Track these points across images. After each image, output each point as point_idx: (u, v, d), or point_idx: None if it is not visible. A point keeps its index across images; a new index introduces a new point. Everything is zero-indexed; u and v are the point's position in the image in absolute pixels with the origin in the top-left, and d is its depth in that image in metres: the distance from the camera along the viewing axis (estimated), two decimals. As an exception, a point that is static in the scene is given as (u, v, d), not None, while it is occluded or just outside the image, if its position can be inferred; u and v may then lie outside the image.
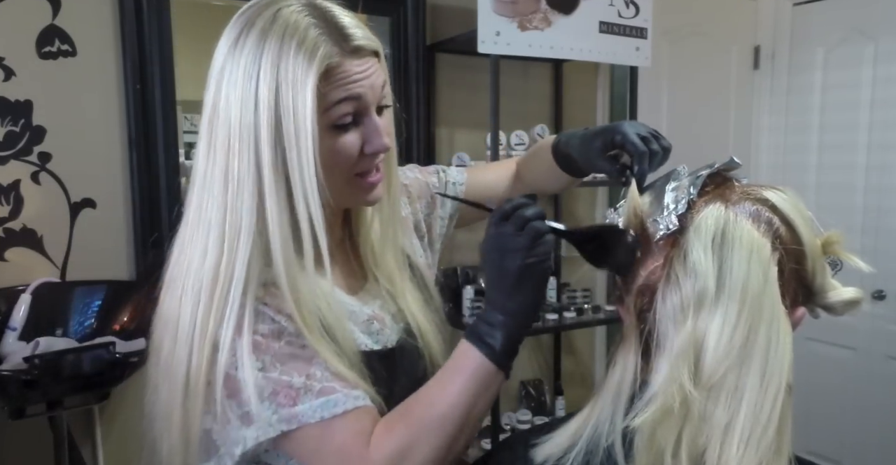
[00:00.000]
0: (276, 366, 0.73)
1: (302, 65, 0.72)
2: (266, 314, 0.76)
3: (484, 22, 1.93)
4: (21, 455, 1.71)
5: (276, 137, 0.73)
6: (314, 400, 0.73)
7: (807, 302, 0.68)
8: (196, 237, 0.76)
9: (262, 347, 0.74)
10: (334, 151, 0.77)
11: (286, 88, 0.72)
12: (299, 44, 0.72)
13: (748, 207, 0.65)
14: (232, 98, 0.74)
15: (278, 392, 0.72)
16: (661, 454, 0.61)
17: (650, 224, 0.66)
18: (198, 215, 0.77)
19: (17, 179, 1.71)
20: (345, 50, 0.75)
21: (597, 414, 0.69)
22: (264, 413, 0.72)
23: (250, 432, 0.72)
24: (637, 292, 0.67)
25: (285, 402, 0.72)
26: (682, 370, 0.61)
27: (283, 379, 0.73)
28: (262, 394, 0.72)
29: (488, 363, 0.74)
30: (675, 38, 2.66)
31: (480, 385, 0.74)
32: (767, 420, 0.60)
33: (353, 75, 0.75)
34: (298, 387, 0.73)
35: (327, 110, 0.75)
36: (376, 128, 0.79)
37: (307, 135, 0.72)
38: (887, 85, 2.53)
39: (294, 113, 0.72)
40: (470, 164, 2.27)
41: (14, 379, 1.41)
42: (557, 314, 2.34)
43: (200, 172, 0.77)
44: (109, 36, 1.80)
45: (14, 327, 1.57)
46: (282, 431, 0.72)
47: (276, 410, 0.72)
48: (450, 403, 0.73)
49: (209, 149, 0.76)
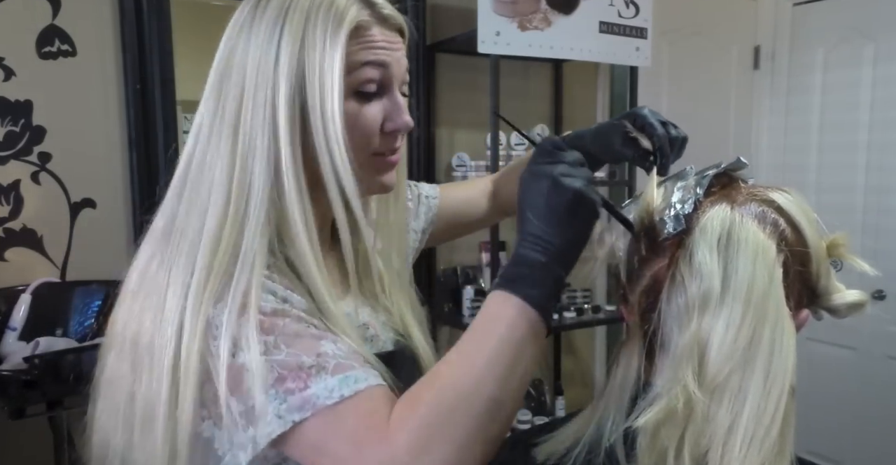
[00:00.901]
0: (280, 348, 0.62)
1: (333, 21, 0.68)
2: (270, 288, 0.66)
3: (484, 22, 1.93)
4: (21, 455, 1.71)
5: (297, 94, 0.68)
6: (329, 379, 0.61)
7: (810, 304, 0.68)
8: (195, 197, 0.68)
9: (266, 326, 0.63)
10: (356, 119, 0.71)
11: (312, 41, 0.68)
12: (330, 3, 0.69)
13: (754, 208, 0.65)
14: (250, 53, 0.69)
15: (285, 378, 0.60)
16: (663, 454, 0.61)
17: (657, 223, 0.66)
18: (199, 173, 0.69)
19: (17, 179, 1.71)
20: (374, 16, 0.72)
21: (599, 414, 0.69)
22: (271, 405, 0.60)
23: (260, 430, 0.60)
24: (642, 292, 0.67)
25: (295, 387, 0.60)
26: (686, 371, 0.61)
27: (290, 361, 0.61)
28: (265, 383, 0.60)
29: (530, 311, 0.61)
30: (675, 38, 2.66)
31: (523, 339, 0.61)
32: (770, 422, 0.60)
33: (381, 42, 0.72)
34: (310, 366, 0.61)
35: (353, 71, 0.70)
36: (399, 104, 0.74)
37: (333, 90, 0.68)
38: (887, 85, 2.53)
39: (321, 69, 0.67)
40: (470, 164, 2.27)
41: (14, 379, 1.41)
42: (557, 314, 2.33)
43: (205, 127, 0.70)
44: (109, 36, 1.80)
45: (14, 327, 1.56)
46: (293, 422, 0.59)
47: (285, 398, 0.60)
48: (488, 361, 0.60)
49: (217, 106, 0.69)
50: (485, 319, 0.63)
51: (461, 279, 2.33)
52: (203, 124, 0.70)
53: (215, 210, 0.67)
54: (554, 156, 0.66)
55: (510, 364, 0.60)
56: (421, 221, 1.03)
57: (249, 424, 0.61)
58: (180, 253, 0.66)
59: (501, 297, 0.63)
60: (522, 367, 0.61)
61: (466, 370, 0.60)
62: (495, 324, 0.62)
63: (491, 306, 0.63)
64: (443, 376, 0.61)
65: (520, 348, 0.61)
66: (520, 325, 0.61)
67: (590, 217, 0.64)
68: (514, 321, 0.61)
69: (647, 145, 0.83)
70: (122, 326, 0.69)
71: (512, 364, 0.60)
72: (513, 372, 0.60)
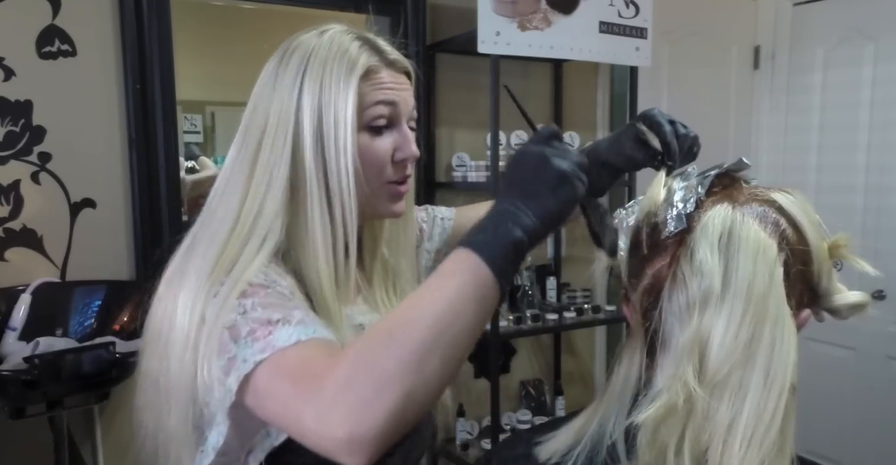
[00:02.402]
0: (256, 310, 0.70)
1: (346, 67, 0.80)
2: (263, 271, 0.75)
3: (484, 22, 1.93)
4: (21, 455, 1.71)
5: (317, 129, 0.79)
6: (290, 328, 0.68)
7: (812, 305, 0.68)
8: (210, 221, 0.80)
9: (248, 293, 0.71)
10: (369, 151, 0.82)
11: (329, 84, 0.79)
12: (343, 52, 0.81)
13: (755, 208, 0.65)
14: (274, 100, 0.80)
15: (255, 330, 0.68)
16: (663, 451, 0.61)
17: (659, 223, 0.67)
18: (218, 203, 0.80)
19: (17, 179, 1.71)
20: (383, 60, 0.83)
21: (601, 412, 0.69)
22: (241, 352, 0.67)
23: (231, 377, 0.67)
24: (643, 290, 0.67)
25: (261, 335, 0.67)
26: (687, 368, 0.61)
27: (262, 317, 0.69)
28: (239, 335, 0.68)
29: (484, 269, 0.61)
30: (675, 38, 2.67)
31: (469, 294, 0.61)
32: (771, 420, 0.60)
33: (390, 83, 0.83)
34: (277, 320, 0.68)
35: (365, 109, 0.81)
36: (407, 136, 0.85)
37: (346, 127, 0.79)
38: (887, 85, 2.53)
39: (335, 107, 0.79)
40: (470, 164, 2.27)
41: (14, 379, 1.41)
42: (557, 314, 2.34)
43: (229, 165, 0.82)
44: (109, 36, 1.80)
45: (14, 327, 1.56)
46: (255, 362, 0.65)
47: (252, 344, 0.67)
48: (425, 307, 0.61)
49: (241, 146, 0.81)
50: (438, 272, 0.64)
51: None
52: (228, 163, 0.83)
53: (223, 229, 0.78)
54: (549, 141, 0.69)
55: (445, 312, 0.60)
56: (435, 242, 1.09)
57: (226, 374, 0.68)
58: (191, 267, 0.77)
59: (462, 253, 0.63)
60: (463, 321, 0.61)
61: (402, 314, 0.62)
62: (445, 277, 0.63)
63: (447, 262, 0.64)
64: (382, 321, 0.65)
65: (460, 300, 0.61)
66: (469, 280, 0.61)
67: (569, 198, 0.66)
68: (464, 276, 0.62)
69: (657, 145, 0.84)
70: (150, 325, 0.79)
71: (447, 313, 0.60)
72: (449, 323, 0.60)
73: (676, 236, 0.65)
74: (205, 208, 0.83)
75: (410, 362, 0.58)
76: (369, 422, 0.57)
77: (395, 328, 0.60)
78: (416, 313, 0.61)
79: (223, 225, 0.78)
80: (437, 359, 0.59)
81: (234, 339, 0.68)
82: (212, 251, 0.76)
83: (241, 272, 0.73)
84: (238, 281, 0.72)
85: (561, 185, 0.65)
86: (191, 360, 0.71)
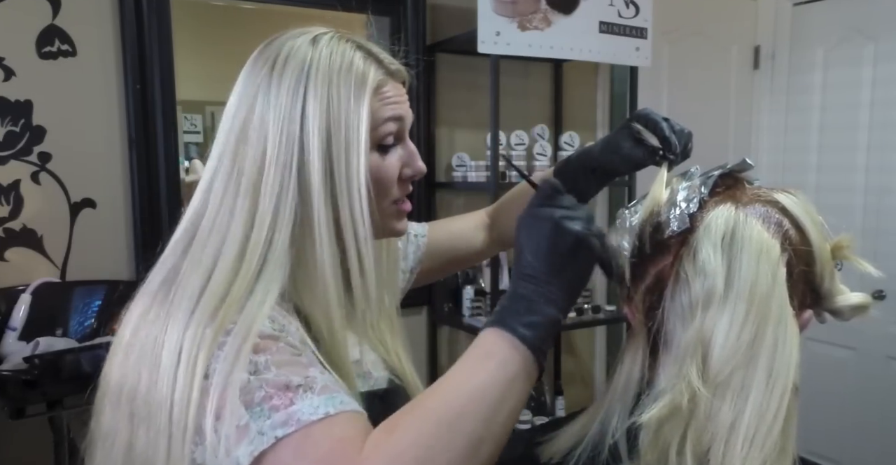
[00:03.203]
0: (270, 369, 0.61)
1: (356, 83, 0.72)
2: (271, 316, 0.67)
3: (484, 22, 1.93)
4: (21, 455, 1.71)
5: (325, 152, 0.70)
6: (315, 398, 0.60)
7: (814, 306, 0.68)
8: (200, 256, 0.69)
9: (259, 347, 0.62)
10: (378, 171, 0.75)
11: (338, 102, 0.71)
12: (349, 65, 0.73)
13: (758, 208, 0.65)
14: (271, 115, 0.70)
15: (272, 396, 0.59)
16: (665, 451, 0.61)
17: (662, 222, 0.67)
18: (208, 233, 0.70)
19: (17, 179, 1.71)
20: (386, 73, 0.76)
21: (603, 412, 0.69)
22: (255, 423, 0.58)
23: (243, 449, 0.58)
24: (646, 290, 0.67)
25: (280, 403, 0.59)
26: (690, 368, 0.61)
27: (279, 380, 0.60)
28: (252, 401, 0.59)
29: (524, 350, 0.60)
30: (675, 38, 2.67)
31: (513, 378, 0.60)
32: (773, 420, 0.60)
33: (396, 96, 0.77)
34: (297, 385, 0.60)
35: (376, 128, 0.74)
36: (413, 151, 0.79)
37: (360, 149, 0.71)
38: (887, 85, 2.53)
39: (347, 128, 0.71)
40: (470, 164, 2.27)
41: (14, 379, 1.41)
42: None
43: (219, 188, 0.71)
44: (109, 36, 1.80)
45: (14, 327, 1.56)
46: (276, 437, 0.57)
47: (270, 415, 0.59)
48: (474, 397, 0.58)
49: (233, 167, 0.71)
50: (475, 354, 0.62)
51: (461, 279, 2.33)
52: (215, 184, 0.71)
53: (224, 266, 0.67)
54: (553, 199, 0.66)
55: (497, 402, 0.58)
56: (409, 261, 1.04)
57: (236, 443, 0.59)
58: (178, 308, 0.66)
59: (495, 334, 0.62)
60: (509, 406, 0.59)
61: (450, 403, 0.58)
62: (485, 360, 0.60)
63: (483, 342, 0.62)
64: (425, 407, 0.59)
65: (508, 387, 0.59)
66: (511, 363, 0.60)
67: (589, 261, 0.65)
68: (505, 359, 0.60)
69: (655, 142, 0.84)
70: (116, 379, 0.69)
71: (498, 402, 0.59)
72: (498, 411, 0.58)
73: (679, 236, 0.65)
74: (183, 234, 0.73)
75: (465, 456, 0.56)
76: None
77: (444, 420, 0.57)
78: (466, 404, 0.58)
79: (224, 262, 0.68)
80: (488, 447, 0.58)
81: (246, 405, 0.59)
82: (211, 290, 0.66)
83: (251, 319, 0.64)
84: (250, 332, 0.63)
85: (579, 250, 0.64)
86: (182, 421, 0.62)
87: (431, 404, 0.59)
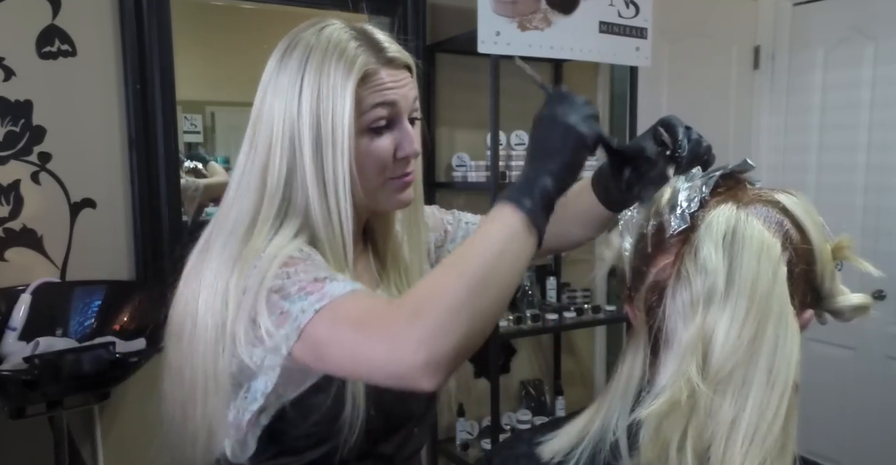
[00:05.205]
0: (299, 274, 0.74)
1: (343, 71, 0.80)
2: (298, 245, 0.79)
3: (484, 22, 1.93)
4: (21, 455, 1.71)
5: (315, 135, 0.80)
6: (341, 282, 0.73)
7: (815, 306, 0.68)
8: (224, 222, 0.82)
9: (289, 263, 0.75)
10: (369, 152, 0.83)
11: (327, 91, 0.79)
12: (341, 54, 0.80)
13: (759, 208, 0.66)
14: (276, 104, 0.81)
15: (305, 286, 0.72)
16: (666, 447, 0.61)
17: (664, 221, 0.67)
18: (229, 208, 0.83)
19: (17, 179, 1.71)
20: (381, 60, 0.83)
21: (604, 410, 0.69)
22: (294, 305, 0.71)
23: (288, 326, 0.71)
24: (648, 288, 0.68)
25: (313, 289, 0.72)
26: (691, 365, 0.62)
27: (308, 277, 0.73)
28: (289, 294, 0.72)
29: (521, 214, 0.70)
30: (675, 38, 2.67)
31: (511, 235, 0.70)
32: (773, 417, 0.60)
33: (388, 83, 0.83)
34: (325, 277, 0.73)
35: (364, 114, 0.81)
36: (408, 134, 0.86)
37: (343, 134, 0.79)
38: (887, 85, 2.53)
39: (333, 114, 0.79)
40: (470, 164, 2.27)
41: (14, 379, 1.41)
42: (557, 314, 2.34)
43: (239, 170, 0.84)
44: (109, 36, 1.80)
45: (14, 327, 1.56)
46: (315, 310, 0.70)
47: (306, 297, 0.71)
48: (476, 250, 0.69)
49: (250, 151, 0.83)
50: (484, 220, 0.73)
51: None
52: (237, 168, 0.85)
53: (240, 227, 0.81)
54: (562, 99, 0.78)
55: (499, 251, 0.68)
56: (457, 243, 1.10)
57: (277, 328, 0.71)
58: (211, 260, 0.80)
59: (500, 204, 0.72)
60: (510, 258, 0.69)
61: (459, 253, 0.70)
62: (490, 223, 0.71)
63: (492, 212, 0.73)
64: (443, 263, 0.71)
65: (508, 242, 0.69)
66: (510, 224, 0.70)
67: (579, 146, 0.74)
68: (505, 220, 0.70)
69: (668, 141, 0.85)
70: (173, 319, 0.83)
71: (500, 251, 0.68)
72: (501, 258, 0.68)
73: (681, 235, 0.66)
74: (217, 212, 0.86)
75: (476, 288, 0.65)
76: (446, 345, 0.63)
77: (457, 263, 0.69)
78: (473, 251, 0.69)
79: (239, 225, 0.81)
80: (494, 288, 0.67)
81: (284, 298, 0.72)
82: (231, 246, 0.79)
83: (278, 248, 0.77)
84: (277, 255, 0.76)
85: (569, 134, 0.74)
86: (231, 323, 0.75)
87: (448, 260, 0.72)
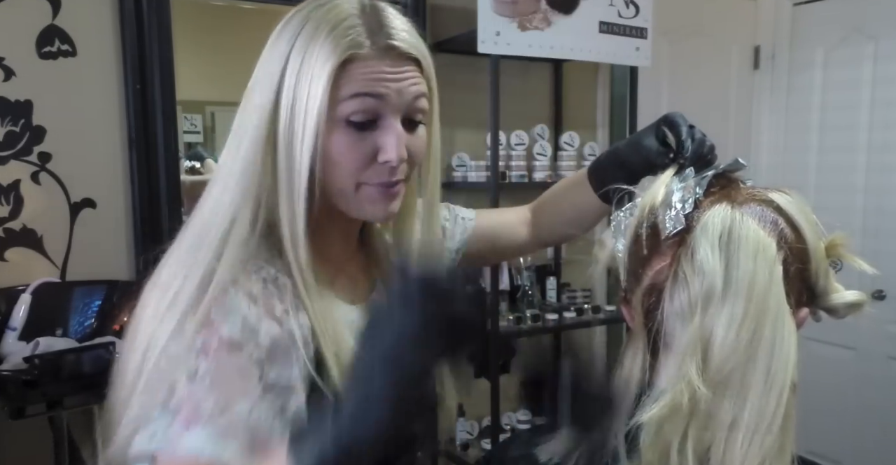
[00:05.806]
0: (205, 380, 0.62)
1: (326, 50, 0.69)
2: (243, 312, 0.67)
3: (484, 22, 1.93)
4: (21, 455, 1.71)
5: (290, 117, 0.70)
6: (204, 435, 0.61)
7: (810, 304, 0.68)
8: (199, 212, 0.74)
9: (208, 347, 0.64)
10: (339, 148, 0.72)
11: (307, 70, 0.69)
12: (331, 29, 0.70)
13: (754, 207, 0.66)
14: (261, 76, 0.73)
15: (180, 409, 0.61)
16: (666, 450, 0.61)
17: (658, 223, 0.67)
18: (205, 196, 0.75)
19: (17, 179, 1.71)
20: (377, 44, 0.71)
21: None
22: (157, 422, 0.62)
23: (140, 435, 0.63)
24: (645, 291, 0.68)
25: (182, 419, 0.61)
26: (690, 367, 0.62)
27: (197, 398, 0.62)
28: (169, 398, 0.62)
29: None
30: (675, 38, 2.67)
31: None
32: (772, 418, 0.60)
33: (378, 73, 0.71)
34: (206, 413, 0.61)
35: (340, 102, 0.70)
36: (394, 136, 0.72)
37: (311, 121, 0.69)
38: (887, 85, 2.53)
39: (308, 97, 0.69)
40: (470, 164, 2.27)
41: (14, 379, 1.41)
42: (557, 314, 2.34)
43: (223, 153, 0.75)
44: (109, 36, 1.80)
45: (14, 327, 1.56)
46: (155, 449, 0.61)
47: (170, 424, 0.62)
48: None
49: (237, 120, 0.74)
50: None
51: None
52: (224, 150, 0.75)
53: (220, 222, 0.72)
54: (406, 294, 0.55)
55: None
56: (455, 241, 1.05)
57: (141, 425, 0.63)
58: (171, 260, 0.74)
59: None
60: None
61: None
62: None
63: None
64: None
65: None
66: None
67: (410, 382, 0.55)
68: None
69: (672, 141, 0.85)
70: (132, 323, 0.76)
71: None
72: None
73: (676, 237, 0.66)
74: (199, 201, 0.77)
75: None
76: None
77: None
78: None
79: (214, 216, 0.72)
80: None
81: (164, 401, 0.62)
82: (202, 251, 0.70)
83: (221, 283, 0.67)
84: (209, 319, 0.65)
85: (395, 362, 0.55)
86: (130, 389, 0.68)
87: None
